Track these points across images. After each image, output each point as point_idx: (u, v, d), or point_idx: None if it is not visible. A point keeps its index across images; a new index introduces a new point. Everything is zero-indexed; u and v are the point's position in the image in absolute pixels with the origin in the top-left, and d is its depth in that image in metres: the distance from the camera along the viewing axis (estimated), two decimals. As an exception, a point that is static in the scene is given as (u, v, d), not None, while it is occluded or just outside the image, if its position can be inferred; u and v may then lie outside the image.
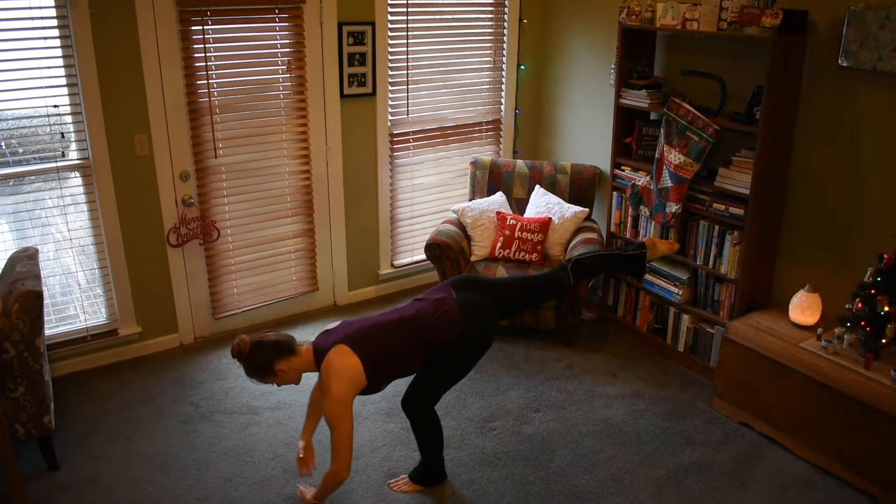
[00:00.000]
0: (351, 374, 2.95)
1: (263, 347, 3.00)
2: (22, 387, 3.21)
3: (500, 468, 3.53)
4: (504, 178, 5.15)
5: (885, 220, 3.62)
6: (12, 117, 3.85)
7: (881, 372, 3.35)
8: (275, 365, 2.99)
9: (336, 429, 2.93)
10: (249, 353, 2.99)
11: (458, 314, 3.09)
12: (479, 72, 5.36)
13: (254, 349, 2.99)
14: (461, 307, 3.11)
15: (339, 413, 2.92)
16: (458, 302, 3.13)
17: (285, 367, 3.01)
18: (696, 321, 4.37)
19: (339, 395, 2.91)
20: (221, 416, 3.90)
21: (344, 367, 2.95)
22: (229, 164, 4.47)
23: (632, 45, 4.49)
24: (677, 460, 3.61)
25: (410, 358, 3.11)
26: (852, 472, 3.39)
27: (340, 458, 2.95)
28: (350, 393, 2.95)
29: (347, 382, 2.94)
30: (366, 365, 2.97)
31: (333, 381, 2.92)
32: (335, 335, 3.07)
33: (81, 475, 3.42)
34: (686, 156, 4.09)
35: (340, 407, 2.92)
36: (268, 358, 2.99)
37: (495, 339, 4.64)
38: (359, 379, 2.97)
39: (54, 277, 4.14)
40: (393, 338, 3.07)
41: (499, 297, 3.27)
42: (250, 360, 3.00)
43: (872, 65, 3.48)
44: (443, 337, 3.08)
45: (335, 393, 2.91)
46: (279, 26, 4.40)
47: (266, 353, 3.00)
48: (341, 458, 2.95)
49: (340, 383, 2.92)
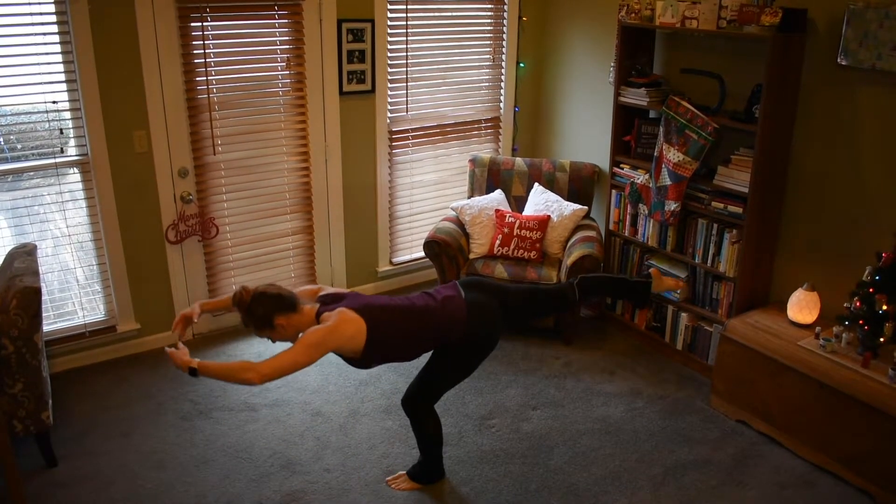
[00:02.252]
0: (352, 331, 2.89)
1: (265, 299, 2.92)
2: (20, 383, 3.20)
3: (498, 466, 3.54)
4: (503, 175, 5.15)
5: (884, 218, 3.62)
6: (11, 113, 3.85)
7: (879, 370, 3.35)
8: (274, 318, 2.90)
9: (293, 351, 2.82)
10: (250, 304, 2.91)
11: (465, 313, 3.08)
12: (478, 69, 5.36)
13: (255, 300, 2.91)
14: (469, 307, 3.10)
15: (310, 343, 2.82)
16: (465, 302, 3.12)
17: (284, 322, 2.92)
18: (694, 319, 4.37)
19: (323, 333, 2.83)
20: (219, 413, 3.90)
21: (347, 321, 2.88)
22: (228, 160, 4.46)
23: (631, 43, 4.49)
24: (675, 458, 3.61)
25: (411, 346, 3.09)
26: (850, 470, 3.40)
27: (265, 369, 2.77)
28: (335, 341, 2.86)
29: (341, 332, 2.87)
30: (369, 332, 2.91)
31: (329, 324, 2.86)
32: (345, 302, 3.01)
33: (79, 472, 3.42)
34: (685, 154, 4.10)
35: (316, 340, 2.83)
36: (268, 310, 2.91)
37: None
38: (356, 338, 2.91)
39: (53, 274, 4.13)
40: (401, 322, 3.03)
41: (506, 303, 3.24)
42: (250, 310, 2.91)
43: (872, 63, 3.48)
44: (448, 334, 3.07)
45: (322, 329, 2.84)
46: (278, 23, 4.40)
47: (267, 305, 2.91)
48: (267, 369, 2.77)
49: (335, 328, 2.85)
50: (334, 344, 2.88)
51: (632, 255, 4.72)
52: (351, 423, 3.84)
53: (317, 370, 4.30)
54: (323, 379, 4.23)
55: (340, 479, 3.42)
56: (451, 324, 3.07)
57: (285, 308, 2.94)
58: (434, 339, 3.09)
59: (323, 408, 3.96)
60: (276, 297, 2.94)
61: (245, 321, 2.97)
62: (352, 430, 3.79)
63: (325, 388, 4.14)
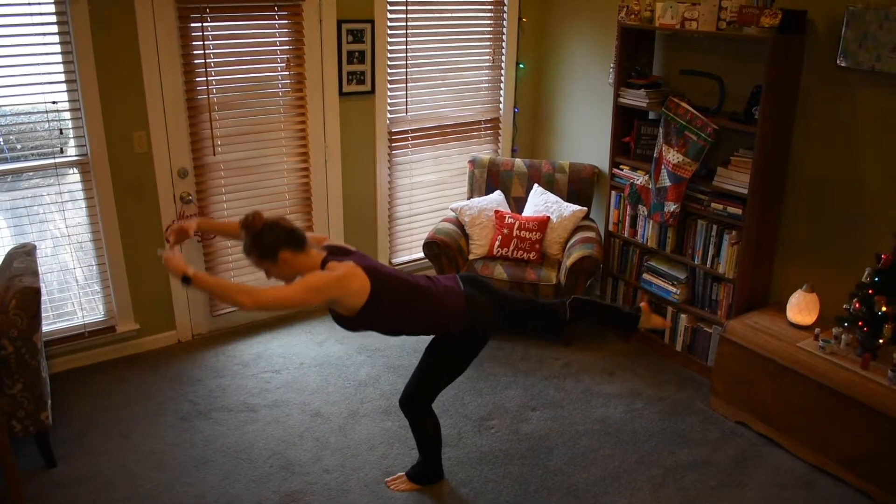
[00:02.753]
0: (356, 287, 2.82)
1: (277, 229, 2.83)
2: (19, 383, 3.20)
3: (497, 467, 3.54)
4: (502, 176, 5.15)
5: (884, 219, 3.62)
6: (11, 113, 3.85)
7: (878, 372, 3.36)
8: (280, 251, 2.80)
9: (291, 289, 2.75)
10: (261, 229, 2.81)
11: (464, 306, 3.06)
12: (478, 70, 5.36)
13: (267, 227, 2.82)
14: (467, 300, 3.09)
15: (311, 285, 2.75)
16: (464, 294, 3.11)
17: (289, 259, 2.82)
18: (693, 320, 4.37)
19: (328, 279, 2.77)
20: (219, 414, 3.90)
21: (354, 276, 2.82)
22: (228, 161, 4.46)
23: (631, 44, 4.49)
24: (675, 459, 3.61)
25: (406, 322, 3.04)
26: (849, 471, 3.40)
27: (261, 296, 2.70)
28: (337, 291, 2.79)
29: (345, 285, 2.79)
30: (371, 295, 2.86)
31: (336, 273, 2.79)
32: (353, 257, 2.94)
33: (79, 472, 3.42)
34: (684, 155, 4.10)
35: (318, 284, 2.76)
36: (277, 241, 2.81)
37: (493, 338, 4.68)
38: (357, 296, 2.84)
39: (52, 274, 4.13)
40: (403, 296, 2.98)
41: (501, 307, 3.22)
42: (258, 236, 2.81)
43: (871, 65, 3.49)
44: (444, 322, 3.04)
45: (328, 275, 2.78)
46: (278, 24, 4.40)
47: (278, 235, 2.82)
48: (262, 297, 2.71)
49: (341, 278, 2.78)
50: (335, 293, 2.80)
51: (631, 256, 4.72)
52: (350, 424, 3.83)
53: (316, 371, 4.30)
54: (322, 380, 4.23)
55: (340, 480, 3.42)
56: (450, 314, 3.04)
57: (294, 244, 2.85)
58: (429, 324, 3.06)
59: (322, 408, 3.96)
60: (288, 231, 2.86)
61: (248, 247, 2.85)
62: (351, 430, 3.78)
63: (325, 388, 4.14)
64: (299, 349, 4.56)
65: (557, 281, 4.50)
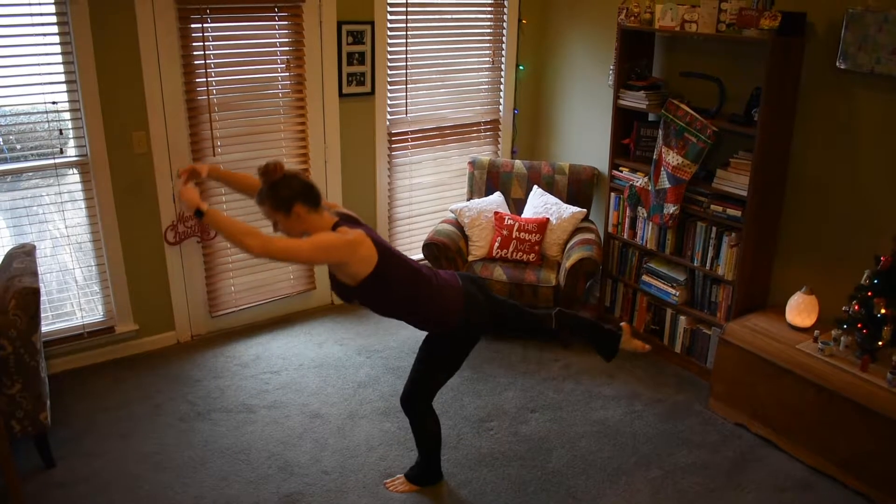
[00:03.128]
0: (364, 255, 2.80)
1: (296, 182, 2.81)
2: (18, 384, 3.20)
3: (496, 468, 3.53)
4: (502, 178, 5.15)
5: (883, 222, 3.62)
6: (10, 113, 3.85)
7: (877, 374, 3.36)
8: (295, 205, 2.77)
9: (301, 242, 2.73)
10: (280, 179, 2.79)
11: (461, 301, 3.06)
12: (477, 72, 5.36)
13: (287, 178, 2.80)
14: (465, 295, 3.09)
15: (321, 243, 2.74)
16: (463, 290, 3.11)
17: (302, 214, 2.79)
18: (693, 322, 4.37)
19: (339, 241, 2.75)
20: (218, 415, 3.90)
21: (365, 244, 2.80)
22: (228, 162, 4.46)
23: (630, 46, 4.49)
24: (674, 461, 3.61)
25: (405, 304, 3.01)
26: (848, 473, 3.40)
27: (270, 243, 2.66)
28: (345, 254, 2.76)
29: (354, 251, 2.77)
30: (376, 268, 2.84)
31: (347, 237, 2.77)
32: (363, 228, 2.92)
33: (77, 473, 3.42)
34: (684, 157, 4.10)
35: (328, 244, 2.75)
36: (294, 195, 2.78)
37: (492, 340, 4.68)
38: (363, 265, 2.81)
39: (51, 274, 4.13)
40: (405, 277, 2.97)
41: (493, 309, 3.21)
42: (275, 186, 2.78)
43: (870, 67, 3.49)
44: (440, 315, 3.04)
45: (339, 237, 2.76)
46: (278, 25, 4.40)
47: (296, 189, 2.79)
48: (272, 245, 2.66)
49: (352, 243, 2.77)
50: (343, 257, 2.78)
51: (630, 258, 4.72)
52: (349, 426, 3.83)
53: (315, 372, 4.30)
54: (321, 381, 4.23)
55: (338, 482, 3.41)
56: (447, 307, 3.04)
57: (310, 201, 2.82)
58: (425, 314, 3.04)
59: (321, 410, 3.96)
60: (307, 186, 2.84)
61: (262, 195, 2.82)
62: (350, 432, 3.78)
63: (324, 390, 4.14)
64: (298, 350, 4.56)
65: (557, 282, 4.50)
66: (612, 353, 3.50)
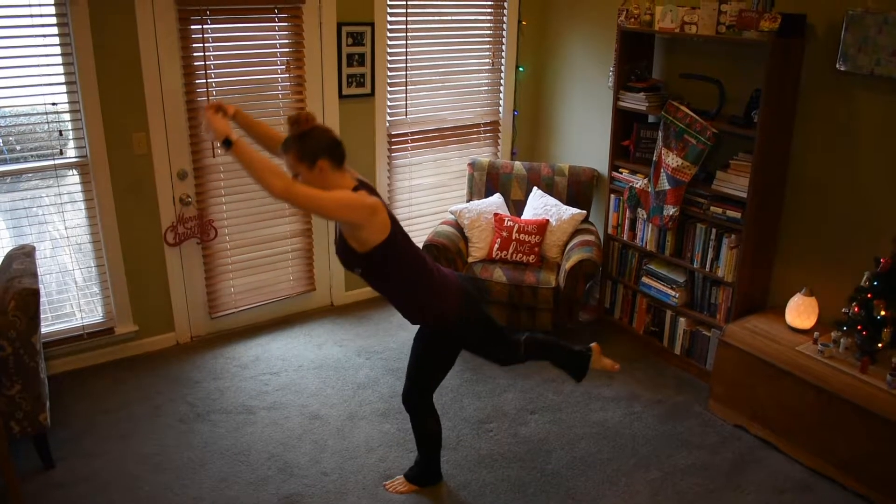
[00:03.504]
0: (379, 224, 2.79)
1: (326, 137, 2.80)
2: (18, 384, 3.20)
3: (496, 470, 3.53)
4: (502, 179, 5.15)
5: (883, 223, 3.62)
6: (10, 114, 3.85)
7: (877, 376, 3.35)
8: (320, 159, 2.75)
9: (322, 193, 2.71)
10: (309, 130, 2.77)
11: (459, 298, 3.07)
12: (477, 73, 5.36)
13: (317, 130, 2.79)
14: (463, 294, 3.10)
15: (341, 199, 2.73)
16: (462, 288, 3.12)
17: (325, 169, 2.77)
18: (692, 324, 4.37)
19: (359, 202, 2.74)
20: (217, 416, 3.90)
21: (382, 212, 2.80)
22: (227, 163, 4.46)
23: (630, 47, 4.49)
24: (673, 463, 3.61)
25: (406, 287, 3.00)
26: (847, 475, 3.40)
27: (294, 187, 2.64)
28: (362, 216, 2.75)
29: (371, 216, 2.76)
30: (386, 240, 2.83)
31: (367, 200, 2.77)
32: (380, 199, 2.91)
33: (77, 474, 3.42)
34: (684, 159, 4.10)
35: (348, 201, 2.74)
36: (320, 148, 2.76)
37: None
38: (375, 233, 2.80)
39: (51, 275, 4.13)
40: (411, 260, 2.96)
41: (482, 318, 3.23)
42: (304, 136, 2.76)
43: (870, 69, 3.49)
44: (436, 308, 3.03)
45: (360, 198, 2.75)
46: (278, 26, 4.40)
47: (324, 142, 2.78)
48: (295, 189, 2.64)
49: (371, 207, 2.76)
50: (359, 218, 2.76)
51: (630, 260, 4.72)
52: (349, 427, 3.83)
53: (315, 373, 4.30)
54: (321, 382, 4.23)
55: (338, 483, 3.41)
56: (445, 301, 3.04)
57: (335, 157, 2.81)
58: (422, 304, 3.03)
59: (321, 411, 3.96)
60: (334, 142, 2.82)
61: (289, 143, 2.79)
62: (350, 433, 3.78)
63: (323, 391, 4.14)
64: (298, 351, 4.56)
65: (556, 284, 4.50)
66: (582, 374, 3.52)
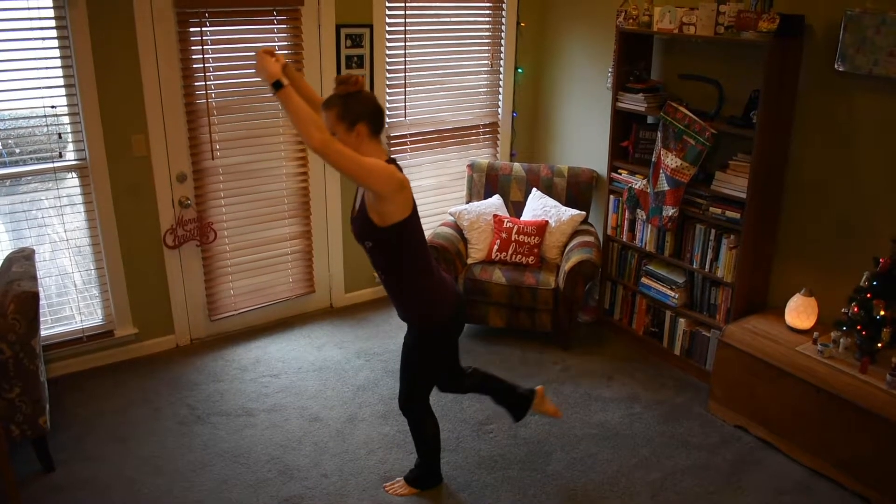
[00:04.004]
0: (402, 201, 2.80)
1: (370, 101, 2.80)
2: (17, 388, 3.20)
3: (496, 471, 3.53)
4: (501, 180, 5.15)
5: (882, 223, 3.63)
6: (9, 117, 3.85)
7: (877, 376, 3.35)
8: (360, 122, 2.76)
9: (354, 154, 2.68)
10: (355, 93, 2.76)
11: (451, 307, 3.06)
12: (476, 74, 5.37)
13: (362, 94, 2.78)
14: (456, 307, 3.10)
15: (372, 165, 2.72)
16: (457, 300, 3.12)
17: (363, 134, 2.78)
18: (692, 324, 4.37)
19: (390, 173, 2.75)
20: (217, 418, 3.90)
21: (408, 191, 2.82)
22: (226, 165, 4.46)
23: (629, 48, 4.49)
24: (673, 463, 3.61)
25: (408, 273, 2.98)
26: (848, 475, 3.40)
27: (332, 143, 2.63)
28: (389, 187, 2.74)
29: (398, 191, 2.77)
30: (404, 220, 2.84)
31: (396, 175, 2.78)
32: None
33: (76, 477, 3.42)
34: (683, 159, 4.10)
35: (378, 168, 2.73)
36: (364, 111, 2.77)
37: (491, 343, 4.68)
38: (397, 209, 2.81)
39: (51, 278, 4.13)
40: (422, 252, 2.97)
41: None
42: (349, 96, 2.75)
43: (868, 69, 3.49)
44: (429, 306, 3.02)
45: (390, 171, 2.76)
46: (277, 28, 4.40)
47: (368, 107, 2.78)
48: (333, 144, 2.63)
49: (400, 182, 2.77)
50: (389, 189, 2.75)
51: (630, 261, 4.72)
52: (349, 429, 3.83)
53: (315, 375, 4.30)
54: (321, 384, 4.22)
55: (338, 485, 3.41)
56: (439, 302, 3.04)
57: (375, 125, 2.82)
58: (420, 297, 3.02)
59: (321, 413, 3.96)
60: (378, 110, 2.83)
61: (331, 102, 2.78)
62: (349, 435, 3.78)
63: (323, 393, 4.14)
64: (298, 353, 4.56)
65: (556, 285, 4.50)
66: (522, 414, 3.53)
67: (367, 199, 2.87)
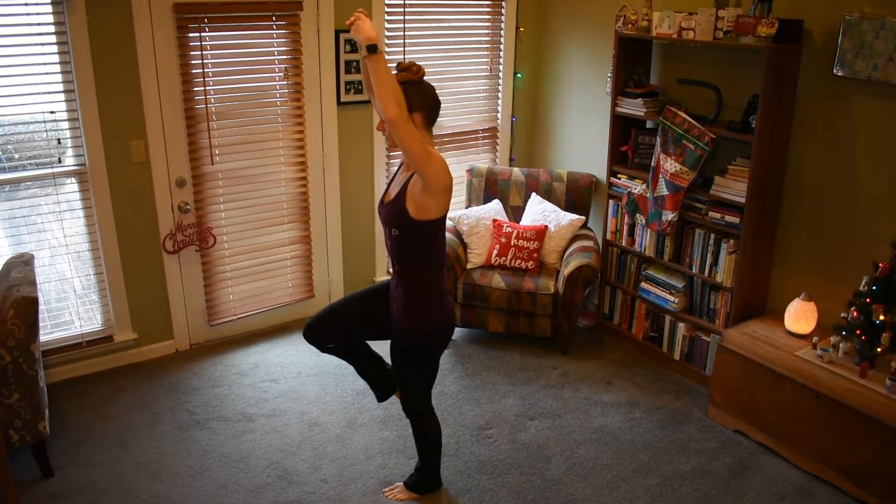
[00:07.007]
0: (442, 202, 2.83)
1: (429, 93, 2.83)
2: (17, 393, 3.20)
3: (495, 476, 3.53)
4: (500, 185, 5.16)
5: (881, 228, 3.63)
6: (9, 123, 3.85)
7: (876, 381, 3.35)
8: (418, 110, 2.80)
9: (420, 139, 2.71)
10: (416, 81, 2.80)
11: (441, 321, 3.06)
12: (475, 79, 5.37)
13: (428, 87, 2.83)
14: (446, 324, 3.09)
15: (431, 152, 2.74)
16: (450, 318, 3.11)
17: (418, 123, 2.81)
18: (691, 329, 4.37)
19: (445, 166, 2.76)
20: (216, 424, 3.89)
21: (450, 194, 2.85)
22: (226, 170, 4.47)
23: (628, 53, 4.50)
24: (672, 468, 3.61)
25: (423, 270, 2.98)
26: (847, 480, 3.39)
27: (404, 122, 2.64)
28: (441, 181, 2.75)
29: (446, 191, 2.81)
30: (438, 220, 2.89)
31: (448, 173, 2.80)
32: None
33: (76, 482, 3.41)
34: (682, 164, 4.11)
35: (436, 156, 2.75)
36: (423, 101, 2.81)
37: (492, 348, 4.68)
38: (437, 205, 2.83)
39: (50, 283, 4.13)
40: (441, 251, 3.00)
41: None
42: (412, 84, 2.79)
43: (867, 74, 3.50)
44: (427, 310, 3.02)
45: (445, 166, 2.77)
46: (276, 34, 4.41)
47: (427, 97, 2.82)
48: (405, 123, 2.65)
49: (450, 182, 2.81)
50: (440, 184, 2.77)
51: (629, 265, 4.72)
52: (348, 434, 3.83)
53: (314, 380, 4.30)
54: (320, 389, 4.22)
55: (338, 490, 3.41)
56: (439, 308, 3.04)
57: (430, 116, 2.86)
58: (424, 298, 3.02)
59: (320, 418, 3.96)
60: (436, 102, 2.86)
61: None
62: (349, 440, 3.78)
63: (323, 398, 4.14)
64: (297, 358, 4.55)
65: (555, 290, 4.50)
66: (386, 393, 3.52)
67: (411, 188, 2.85)
